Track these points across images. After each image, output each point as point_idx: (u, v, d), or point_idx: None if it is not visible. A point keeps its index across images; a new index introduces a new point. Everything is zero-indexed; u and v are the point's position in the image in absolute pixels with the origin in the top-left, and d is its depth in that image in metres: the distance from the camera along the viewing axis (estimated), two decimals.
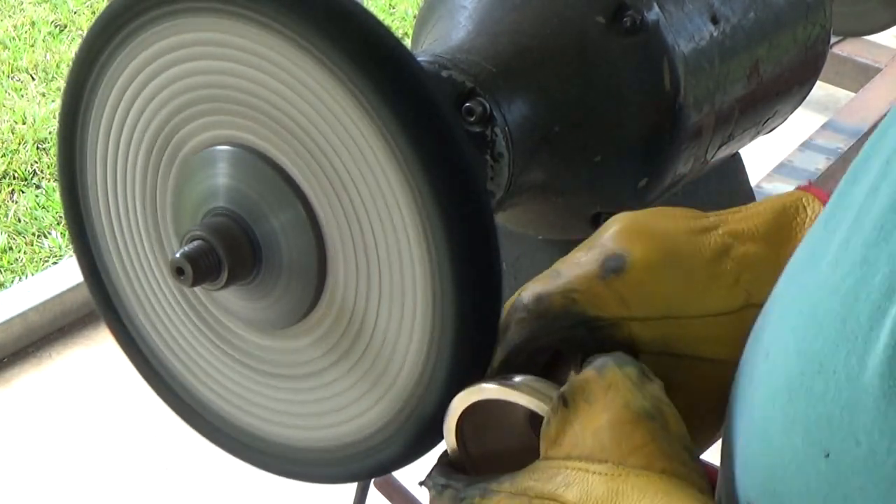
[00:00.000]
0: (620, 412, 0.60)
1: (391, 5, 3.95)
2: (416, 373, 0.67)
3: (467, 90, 0.84)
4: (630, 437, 0.59)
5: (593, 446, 0.59)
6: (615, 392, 0.60)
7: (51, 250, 2.80)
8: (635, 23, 0.88)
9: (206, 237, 0.68)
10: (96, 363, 2.42)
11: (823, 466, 0.48)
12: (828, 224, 0.53)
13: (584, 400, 0.60)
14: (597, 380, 0.60)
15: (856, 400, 0.46)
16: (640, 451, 0.59)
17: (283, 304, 0.70)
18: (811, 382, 0.49)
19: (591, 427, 0.60)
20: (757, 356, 0.58)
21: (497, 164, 0.85)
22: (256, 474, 0.80)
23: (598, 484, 0.58)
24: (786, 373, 0.52)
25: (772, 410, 0.53)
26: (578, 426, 0.60)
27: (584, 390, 0.60)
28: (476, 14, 0.89)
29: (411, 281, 0.66)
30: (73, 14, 3.80)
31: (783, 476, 0.51)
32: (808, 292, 0.52)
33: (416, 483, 0.66)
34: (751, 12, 0.97)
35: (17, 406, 2.35)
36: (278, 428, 0.75)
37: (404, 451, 0.69)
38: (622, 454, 0.59)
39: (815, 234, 0.55)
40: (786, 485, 0.51)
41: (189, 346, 0.78)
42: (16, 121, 3.21)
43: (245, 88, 0.68)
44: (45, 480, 2.16)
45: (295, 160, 0.67)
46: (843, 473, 0.47)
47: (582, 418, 0.60)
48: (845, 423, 0.46)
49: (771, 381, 0.54)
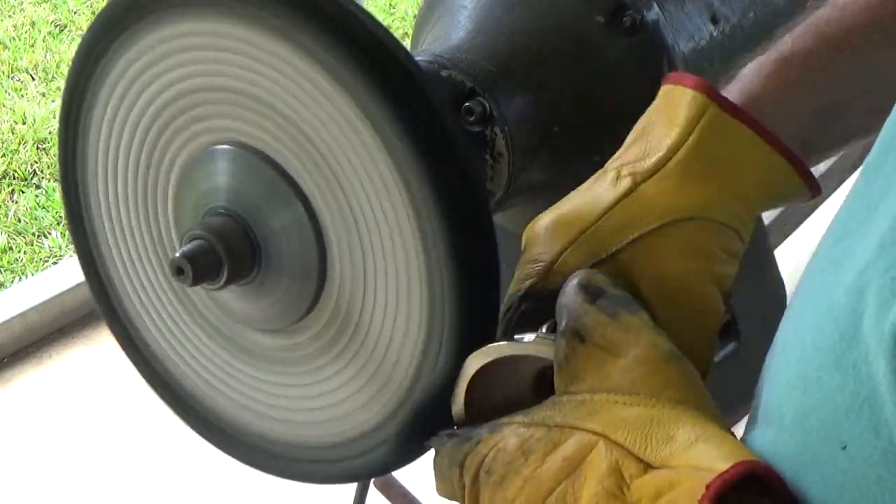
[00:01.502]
0: (649, 350, 0.58)
1: (391, 5, 3.95)
2: (415, 372, 0.67)
3: (467, 90, 0.84)
4: (664, 371, 0.57)
5: (622, 380, 0.57)
6: (637, 333, 0.58)
7: (51, 250, 2.80)
8: (635, 22, 0.88)
9: (206, 236, 0.68)
10: (96, 363, 2.42)
11: (840, 458, 0.48)
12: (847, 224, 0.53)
13: (601, 338, 0.59)
14: (609, 323, 0.59)
15: (874, 392, 0.46)
16: (674, 386, 0.57)
17: (283, 303, 0.70)
18: (828, 376, 0.49)
19: (618, 364, 0.58)
20: (773, 350, 0.57)
21: (497, 163, 0.85)
22: (256, 474, 0.80)
23: (630, 411, 0.56)
24: (801, 366, 0.52)
25: (787, 404, 0.52)
26: (601, 361, 0.58)
27: (598, 331, 0.59)
28: (475, 14, 0.89)
29: (411, 281, 0.66)
30: (73, 14, 3.80)
31: (799, 467, 0.51)
32: (826, 289, 0.52)
33: (416, 483, 0.66)
34: (750, 12, 0.97)
35: (17, 406, 2.35)
36: (278, 426, 0.75)
37: (403, 450, 0.69)
38: (656, 387, 0.57)
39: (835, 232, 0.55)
40: (802, 476, 0.51)
41: (189, 345, 0.78)
42: (16, 121, 3.22)
43: (245, 88, 0.68)
44: (45, 480, 2.16)
45: (295, 159, 0.67)
46: (861, 465, 0.47)
47: (605, 353, 0.58)
48: (864, 415, 0.46)
49: (787, 375, 0.54)
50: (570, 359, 0.59)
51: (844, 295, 0.49)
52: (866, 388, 0.46)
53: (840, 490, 0.48)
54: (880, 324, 0.45)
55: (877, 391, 0.46)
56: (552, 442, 0.57)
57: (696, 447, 0.54)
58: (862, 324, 0.47)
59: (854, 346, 0.47)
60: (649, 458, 0.54)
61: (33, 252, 2.80)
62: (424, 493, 0.64)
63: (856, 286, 0.48)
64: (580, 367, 0.59)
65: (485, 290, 0.66)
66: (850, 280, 0.49)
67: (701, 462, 0.52)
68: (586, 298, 0.60)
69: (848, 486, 0.48)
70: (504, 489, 0.57)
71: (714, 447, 0.54)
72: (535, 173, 0.89)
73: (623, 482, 0.54)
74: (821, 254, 0.56)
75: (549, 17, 0.89)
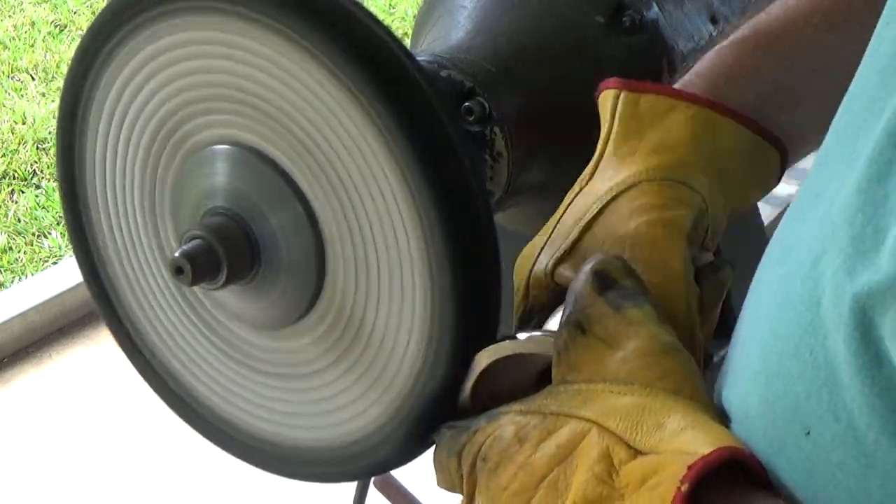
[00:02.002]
0: (648, 342, 0.58)
1: (391, 5, 3.95)
2: (415, 371, 0.67)
3: (466, 90, 0.84)
4: (661, 363, 0.58)
5: (618, 371, 0.58)
6: (638, 326, 0.59)
7: (51, 250, 2.80)
8: (634, 22, 0.88)
9: (205, 236, 0.68)
10: (96, 363, 2.42)
11: (804, 444, 0.49)
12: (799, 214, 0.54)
13: (602, 330, 0.59)
14: (612, 315, 0.59)
15: (833, 378, 0.46)
16: (670, 377, 0.58)
17: (282, 302, 0.70)
18: (788, 364, 0.49)
19: (616, 356, 0.58)
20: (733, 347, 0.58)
21: (496, 163, 0.85)
22: (256, 474, 0.80)
23: (624, 399, 0.57)
24: (762, 357, 0.52)
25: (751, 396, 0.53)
26: (600, 353, 0.59)
27: (601, 323, 0.59)
28: (475, 14, 0.89)
29: (410, 281, 0.66)
30: (73, 14, 3.80)
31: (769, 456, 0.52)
32: (781, 279, 0.52)
33: (416, 483, 0.66)
34: (750, 12, 0.97)
35: (17, 406, 2.35)
36: (277, 427, 0.75)
37: (403, 449, 0.69)
38: (651, 378, 0.57)
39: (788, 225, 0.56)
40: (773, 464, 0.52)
41: (188, 345, 0.78)
42: (16, 121, 3.22)
43: (244, 87, 0.68)
44: (45, 480, 2.16)
45: (294, 159, 0.67)
46: (824, 450, 0.48)
47: (604, 346, 0.59)
48: (824, 400, 0.47)
49: (748, 369, 0.54)
50: (569, 349, 0.60)
51: (801, 282, 0.49)
52: (823, 373, 0.47)
53: (808, 476, 0.49)
54: (837, 307, 0.46)
55: (835, 375, 0.46)
56: (547, 429, 0.58)
57: (684, 434, 0.54)
58: (819, 310, 0.47)
59: (811, 332, 0.48)
60: (639, 444, 0.55)
61: (33, 252, 2.81)
62: (424, 492, 0.64)
63: (812, 274, 0.48)
64: (579, 357, 0.59)
65: (485, 289, 0.66)
66: (805, 268, 0.49)
67: (687, 448, 0.53)
68: (596, 288, 0.60)
69: (814, 471, 0.48)
70: (498, 476, 0.58)
71: (701, 434, 0.54)
72: (535, 173, 0.89)
73: (612, 468, 0.54)
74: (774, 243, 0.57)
75: (549, 16, 0.89)
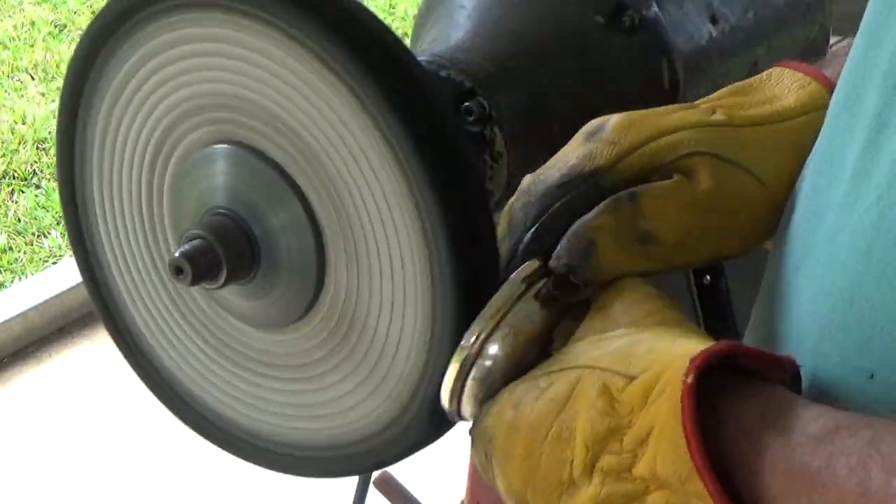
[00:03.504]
0: (630, 294, 0.60)
1: (391, 5, 3.95)
2: (417, 371, 0.67)
3: (466, 90, 0.84)
4: (642, 305, 0.59)
5: (605, 324, 0.59)
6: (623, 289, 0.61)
7: (50, 250, 2.80)
8: (634, 22, 0.88)
9: (204, 236, 0.68)
10: (96, 363, 2.43)
11: (868, 386, 0.49)
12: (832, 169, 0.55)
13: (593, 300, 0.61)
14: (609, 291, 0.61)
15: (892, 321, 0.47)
16: (654, 315, 0.58)
17: (283, 302, 0.70)
18: (843, 317, 0.50)
19: (601, 314, 0.60)
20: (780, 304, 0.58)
21: (496, 163, 0.85)
22: (256, 473, 0.80)
23: (612, 343, 0.57)
24: (814, 314, 0.53)
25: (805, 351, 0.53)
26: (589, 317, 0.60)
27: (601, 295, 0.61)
28: (475, 14, 0.90)
29: (411, 281, 0.66)
30: (73, 14, 3.81)
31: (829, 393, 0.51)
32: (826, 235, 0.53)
33: (416, 482, 0.66)
34: (750, 12, 0.97)
35: (17, 406, 2.36)
36: (277, 427, 0.75)
37: (403, 449, 0.69)
38: (636, 318, 0.58)
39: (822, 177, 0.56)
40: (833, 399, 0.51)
41: (187, 345, 0.78)
42: (16, 121, 3.22)
43: (244, 86, 0.68)
44: (45, 480, 2.17)
45: (294, 159, 0.67)
46: (892, 389, 0.48)
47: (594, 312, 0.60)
48: (885, 343, 0.48)
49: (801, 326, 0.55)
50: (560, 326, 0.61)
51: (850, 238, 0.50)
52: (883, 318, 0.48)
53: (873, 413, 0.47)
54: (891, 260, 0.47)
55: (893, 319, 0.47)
56: (539, 389, 0.58)
57: (676, 345, 0.54)
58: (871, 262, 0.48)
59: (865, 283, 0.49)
60: (633, 371, 0.54)
61: (33, 252, 2.81)
62: (424, 492, 0.65)
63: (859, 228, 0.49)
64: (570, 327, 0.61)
65: (485, 289, 0.66)
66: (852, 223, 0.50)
67: (684, 353, 0.52)
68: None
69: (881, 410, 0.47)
70: (504, 450, 0.58)
71: (695, 342, 0.54)
72: None
73: (613, 399, 0.54)
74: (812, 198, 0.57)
75: (549, 16, 0.89)
